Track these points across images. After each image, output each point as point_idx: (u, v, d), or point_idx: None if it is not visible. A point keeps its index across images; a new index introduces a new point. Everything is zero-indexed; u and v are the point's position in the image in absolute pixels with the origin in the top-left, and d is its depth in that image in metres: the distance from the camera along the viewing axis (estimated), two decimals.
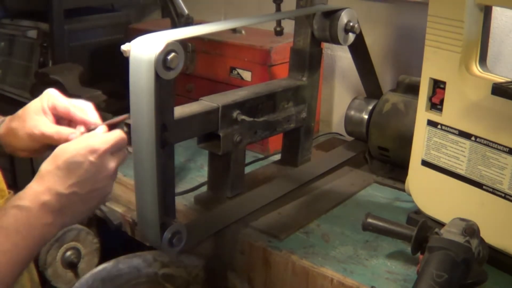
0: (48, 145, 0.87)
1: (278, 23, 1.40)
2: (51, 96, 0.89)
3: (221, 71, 1.59)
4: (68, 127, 0.88)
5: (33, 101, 0.89)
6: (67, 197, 0.75)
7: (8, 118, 0.92)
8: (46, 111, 0.88)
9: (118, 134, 0.83)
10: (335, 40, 1.30)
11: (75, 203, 0.77)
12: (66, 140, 0.82)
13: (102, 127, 0.85)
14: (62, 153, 0.78)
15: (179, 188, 1.32)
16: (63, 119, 0.89)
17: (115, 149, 0.82)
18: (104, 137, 0.81)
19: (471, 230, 0.94)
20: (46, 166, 0.77)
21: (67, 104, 0.89)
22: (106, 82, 1.71)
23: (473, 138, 1.03)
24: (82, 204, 0.79)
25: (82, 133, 0.85)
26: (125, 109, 0.93)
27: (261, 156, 1.54)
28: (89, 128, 0.87)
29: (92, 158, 0.78)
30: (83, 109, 0.89)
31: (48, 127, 0.86)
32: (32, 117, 0.87)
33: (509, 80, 0.94)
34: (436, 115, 1.08)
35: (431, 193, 1.12)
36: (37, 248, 0.73)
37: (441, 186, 1.09)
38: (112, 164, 0.81)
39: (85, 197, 0.78)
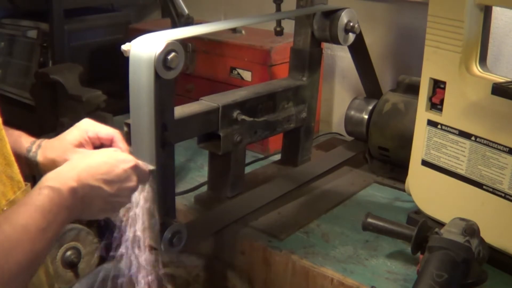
0: None
1: (278, 23, 1.40)
2: (93, 126, 0.93)
3: (221, 71, 1.59)
4: None
5: (70, 132, 0.92)
6: (91, 188, 0.79)
7: (43, 143, 0.93)
8: (85, 142, 0.92)
9: (145, 165, 0.89)
10: (335, 40, 1.31)
11: (96, 198, 0.80)
12: None
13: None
14: (97, 153, 0.84)
15: (179, 188, 1.32)
16: (101, 146, 0.93)
17: (140, 172, 0.86)
18: (135, 158, 0.87)
19: (471, 230, 0.94)
20: (79, 159, 0.83)
21: (110, 132, 0.93)
22: (106, 82, 1.71)
23: (473, 138, 1.03)
24: (101, 202, 0.82)
25: None
26: (125, 109, 0.93)
27: (261, 156, 1.54)
28: None
29: (124, 165, 0.83)
30: (118, 137, 0.93)
31: None
32: (71, 150, 0.90)
33: (509, 80, 0.94)
34: (436, 115, 1.08)
35: (431, 193, 1.12)
36: (61, 229, 0.77)
37: (441, 186, 1.09)
38: (135, 180, 0.85)
39: (107, 197, 0.81)
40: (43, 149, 0.92)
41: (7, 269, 0.67)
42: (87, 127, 0.92)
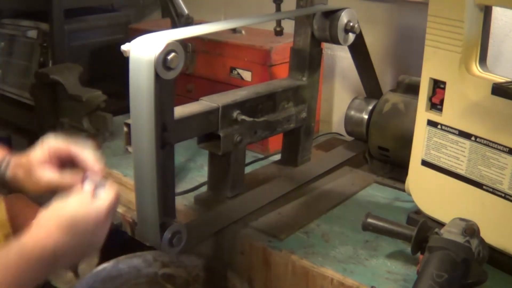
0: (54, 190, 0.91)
1: (278, 23, 1.40)
2: (53, 143, 0.92)
3: (221, 71, 1.59)
4: (71, 170, 0.92)
5: (35, 151, 0.92)
6: (64, 247, 0.78)
7: (12, 160, 0.95)
8: (49, 159, 0.91)
9: (113, 195, 0.85)
10: (335, 40, 1.30)
11: (69, 254, 0.80)
12: (70, 186, 0.87)
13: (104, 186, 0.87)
14: (63, 208, 0.81)
15: (179, 188, 1.32)
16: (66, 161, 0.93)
17: (111, 208, 0.84)
18: (103, 200, 0.84)
19: (471, 230, 0.94)
20: (47, 216, 0.80)
21: (69, 149, 0.92)
22: (106, 82, 1.71)
23: (473, 138, 1.03)
24: (75, 255, 0.82)
25: (82, 182, 0.88)
26: (125, 109, 0.94)
27: (261, 156, 1.54)
28: (86, 177, 0.89)
29: (91, 219, 0.81)
30: (83, 156, 0.92)
31: (51, 177, 0.90)
32: (35, 169, 0.91)
33: (509, 80, 0.94)
34: (436, 115, 1.08)
35: (431, 193, 1.12)
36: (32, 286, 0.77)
37: (441, 186, 1.09)
38: (108, 222, 0.84)
39: (79, 249, 0.81)
40: (12, 167, 0.94)
41: None
42: (50, 144, 0.92)
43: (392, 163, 1.40)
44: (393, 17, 1.62)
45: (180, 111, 1.10)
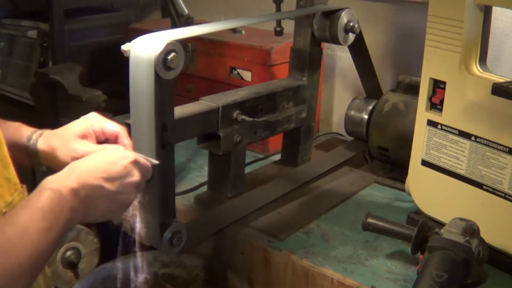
0: None
1: (278, 23, 1.40)
2: (99, 120, 0.94)
3: (221, 71, 1.59)
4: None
5: (75, 123, 0.93)
6: (92, 188, 0.79)
7: (45, 132, 0.95)
8: (89, 135, 0.93)
9: (148, 160, 0.89)
10: (335, 40, 1.30)
11: (99, 198, 0.80)
12: None
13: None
14: (95, 154, 0.85)
15: (179, 188, 1.32)
16: (105, 141, 0.94)
17: (141, 167, 0.86)
18: (135, 153, 0.88)
19: (471, 230, 0.94)
20: (79, 162, 0.83)
21: (115, 128, 0.94)
22: (106, 82, 1.71)
23: (473, 138, 1.03)
24: (105, 201, 0.82)
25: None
26: (125, 109, 0.93)
27: (261, 156, 1.54)
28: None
29: (123, 162, 0.83)
30: (123, 133, 0.94)
31: (90, 147, 0.91)
32: (74, 140, 0.91)
33: (509, 80, 0.94)
34: (436, 115, 1.08)
35: (431, 193, 1.12)
36: (64, 231, 0.76)
37: (441, 186, 1.09)
38: (138, 175, 0.85)
39: (110, 195, 0.82)
40: (45, 137, 0.93)
41: (9, 270, 0.67)
42: (93, 120, 0.94)
43: (392, 163, 1.40)
44: (393, 17, 1.62)
45: (180, 111, 1.09)
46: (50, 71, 1.65)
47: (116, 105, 1.58)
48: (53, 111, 1.64)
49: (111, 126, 0.94)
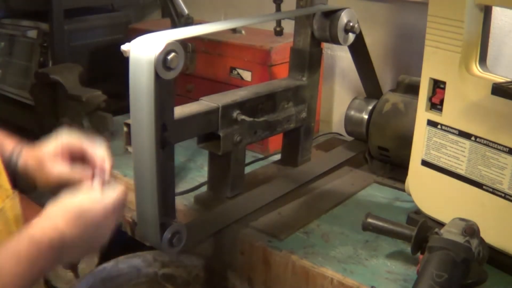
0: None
1: (278, 23, 1.40)
2: (66, 138, 0.93)
3: (221, 71, 1.59)
4: (82, 165, 0.92)
5: (48, 144, 0.93)
6: (71, 237, 0.78)
7: (24, 151, 0.94)
8: (61, 153, 0.92)
9: (121, 193, 0.86)
10: (335, 40, 1.31)
11: (76, 247, 0.80)
12: (79, 181, 0.88)
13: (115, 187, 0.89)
14: (73, 200, 0.82)
15: (179, 188, 1.32)
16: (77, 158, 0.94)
17: (117, 206, 0.85)
18: (110, 196, 0.85)
19: (471, 230, 0.94)
20: (55, 208, 0.81)
21: (81, 146, 0.93)
22: (106, 82, 1.71)
23: (473, 138, 1.03)
24: (81, 248, 0.82)
25: (91, 178, 0.90)
26: (125, 109, 0.94)
27: (261, 156, 1.54)
28: (95, 173, 0.90)
29: (101, 211, 0.82)
30: (94, 153, 0.93)
31: (62, 171, 0.91)
32: (47, 162, 0.91)
33: (509, 80, 0.94)
34: (436, 115, 1.08)
35: (431, 193, 1.12)
36: (38, 278, 0.77)
37: (441, 186, 1.09)
38: (114, 218, 0.85)
39: (87, 242, 0.81)
40: (24, 157, 0.93)
41: None
42: (63, 140, 0.93)
43: (392, 163, 1.40)
44: (393, 17, 1.62)
45: (180, 111, 1.10)
46: (50, 71, 1.65)
47: (116, 105, 1.58)
48: (53, 111, 1.64)
49: (78, 145, 0.93)
